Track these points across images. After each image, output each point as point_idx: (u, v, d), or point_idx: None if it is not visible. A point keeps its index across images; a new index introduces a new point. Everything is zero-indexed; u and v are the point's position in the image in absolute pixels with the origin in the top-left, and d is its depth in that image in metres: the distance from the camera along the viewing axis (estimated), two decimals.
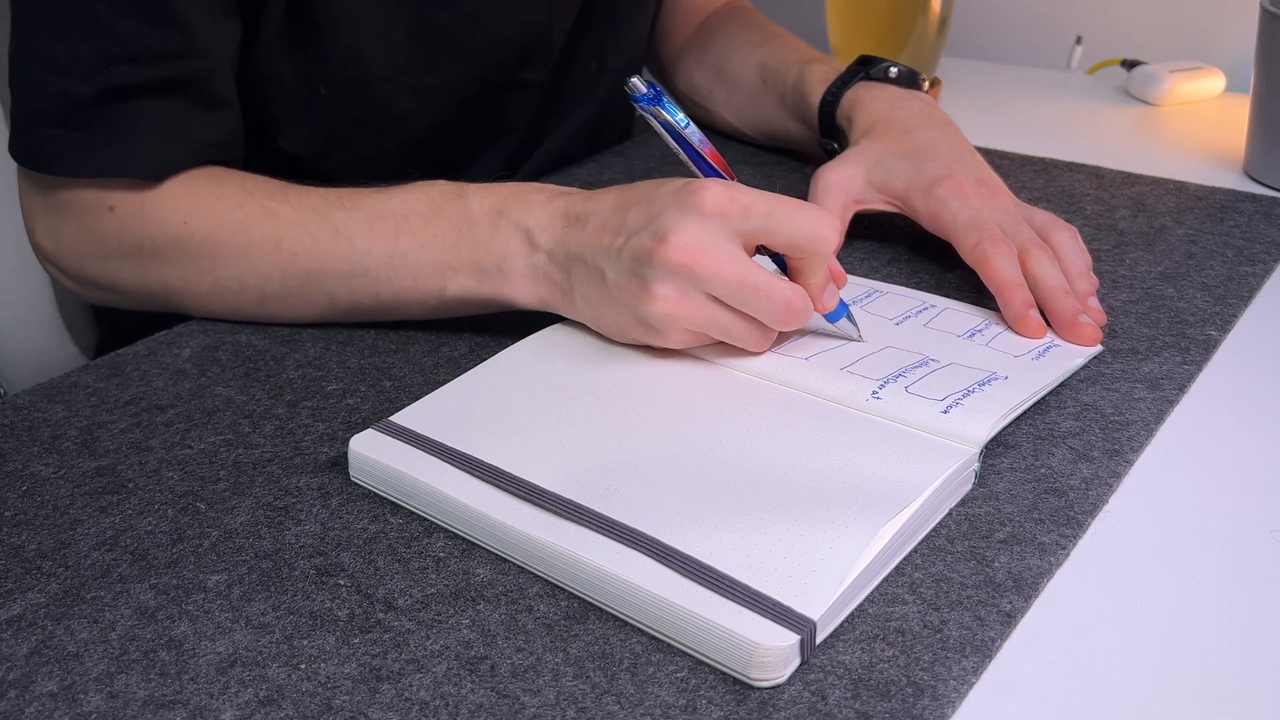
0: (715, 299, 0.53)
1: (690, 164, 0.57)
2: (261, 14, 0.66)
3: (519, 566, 0.46)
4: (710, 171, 0.57)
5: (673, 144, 0.57)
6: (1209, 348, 0.61)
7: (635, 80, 0.56)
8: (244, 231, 0.61)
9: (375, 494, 0.50)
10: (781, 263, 0.56)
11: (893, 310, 0.61)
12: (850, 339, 0.58)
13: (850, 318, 0.57)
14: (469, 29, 0.73)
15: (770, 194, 0.53)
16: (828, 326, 0.58)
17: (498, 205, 0.58)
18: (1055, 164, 0.86)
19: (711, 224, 0.52)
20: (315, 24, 0.67)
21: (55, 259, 0.66)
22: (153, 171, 0.61)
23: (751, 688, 0.40)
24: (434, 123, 0.76)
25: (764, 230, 0.52)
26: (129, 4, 0.58)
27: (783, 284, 0.53)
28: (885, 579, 0.44)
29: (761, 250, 0.55)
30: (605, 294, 0.55)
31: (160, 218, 0.62)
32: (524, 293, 0.58)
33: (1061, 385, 0.56)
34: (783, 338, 0.57)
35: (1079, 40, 1.15)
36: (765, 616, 0.40)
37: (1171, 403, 0.56)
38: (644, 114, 0.57)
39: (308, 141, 0.72)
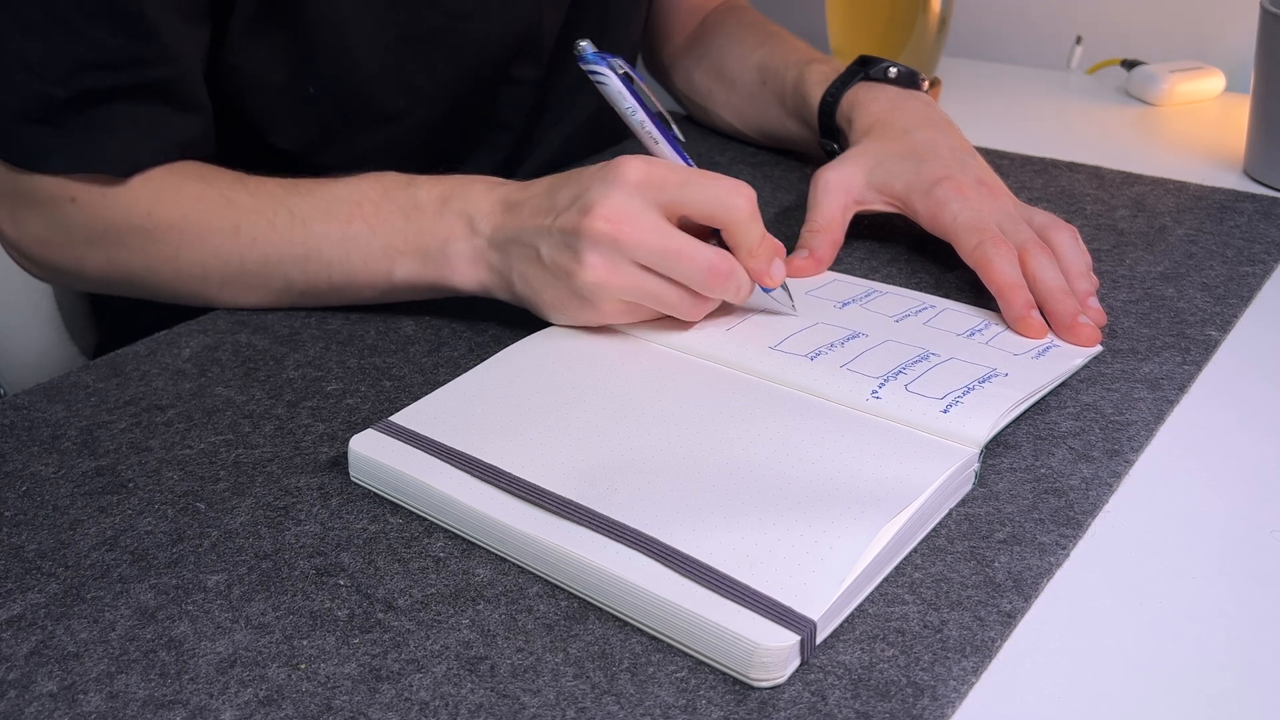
0: (643, 267, 0.55)
1: (644, 138, 0.60)
2: (230, 15, 0.67)
3: (519, 566, 0.46)
4: (667, 137, 0.59)
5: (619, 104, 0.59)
6: (1209, 348, 0.61)
7: (584, 44, 0.58)
8: (204, 220, 0.63)
9: (375, 494, 0.50)
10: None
11: (893, 309, 0.61)
12: (783, 313, 0.59)
13: (785, 288, 0.59)
14: (460, 28, 0.73)
15: (687, 167, 0.56)
16: (764, 300, 0.59)
17: (444, 194, 0.61)
18: (1055, 164, 0.86)
19: (633, 194, 0.54)
20: (300, 24, 0.67)
21: (18, 245, 0.67)
22: (123, 169, 0.63)
23: (751, 688, 0.40)
24: (427, 120, 0.76)
25: (679, 200, 0.55)
26: (100, 12, 0.60)
27: (705, 248, 0.55)
28: (885, 579, 0.44)
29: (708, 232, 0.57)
30: (542, 271, 0.57)
31: (124, 209, 0.63)
32: (465, 276, 0.60)
33: (1061, 385, 0.56)
34: (727, 312, 0.59)
35: (1079, 40, 1.15)
36: (765, 616, 0.40)
37: (1171, 403, 0.56)
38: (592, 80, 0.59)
39: (298, 139, 0.73)
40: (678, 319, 0.57)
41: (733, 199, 0.55)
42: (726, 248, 0.57)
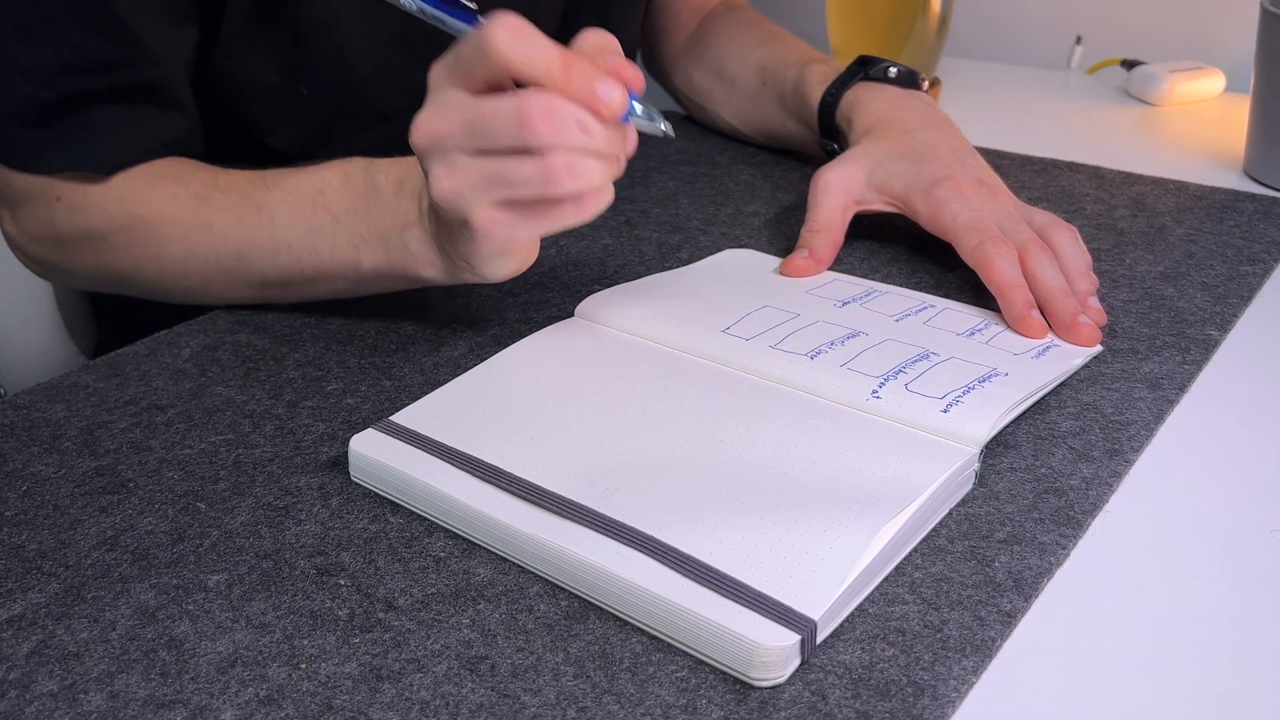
0: (475, 153, 0.50)
1: (445, 21, 0.54)
2: (221, 19, 0.67)
3: (519, 566, 0.46)
4: (464, 17, 0.54)
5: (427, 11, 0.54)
6: (1209, 348, 0.61)
7: None
8: (180, 219, 0.63)
9: (375, 494, 0.50)
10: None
11: (893, 308, 0.61)
12: (656, 134, 0.52)
13: (645, 107, 0.52)
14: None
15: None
16: (631, 129, 0.51)
17: (400, 176, 0.60)
18: (1055, 164, 0.86)
19: (433, 95, 0.51)
20: (293, 26, 0.67)
21: (19, 244, 0.68)
22: (105, 168, 0.64)
23: (752, 687, 0.40)
24: None
25: (463, 74, 0.49)
26: (84, 16, 0.60)
27: (509, 96, 0.48)
28: (885, 579, 0.44)
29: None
30: (437, 224, 0.55)
31: (104, 208, 0.64)
32: (423, 262, 0.58)
33: (1061, 385, 0.56)
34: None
35: (1079, 40, 1.15)
36: (765, 616, 0.40)
37: (1171, 403, 0.56)
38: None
39: (294, 140, 0.73)
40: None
41: (479, 38, 0.48)
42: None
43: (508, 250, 0.54)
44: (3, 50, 0.61)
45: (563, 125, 0.47)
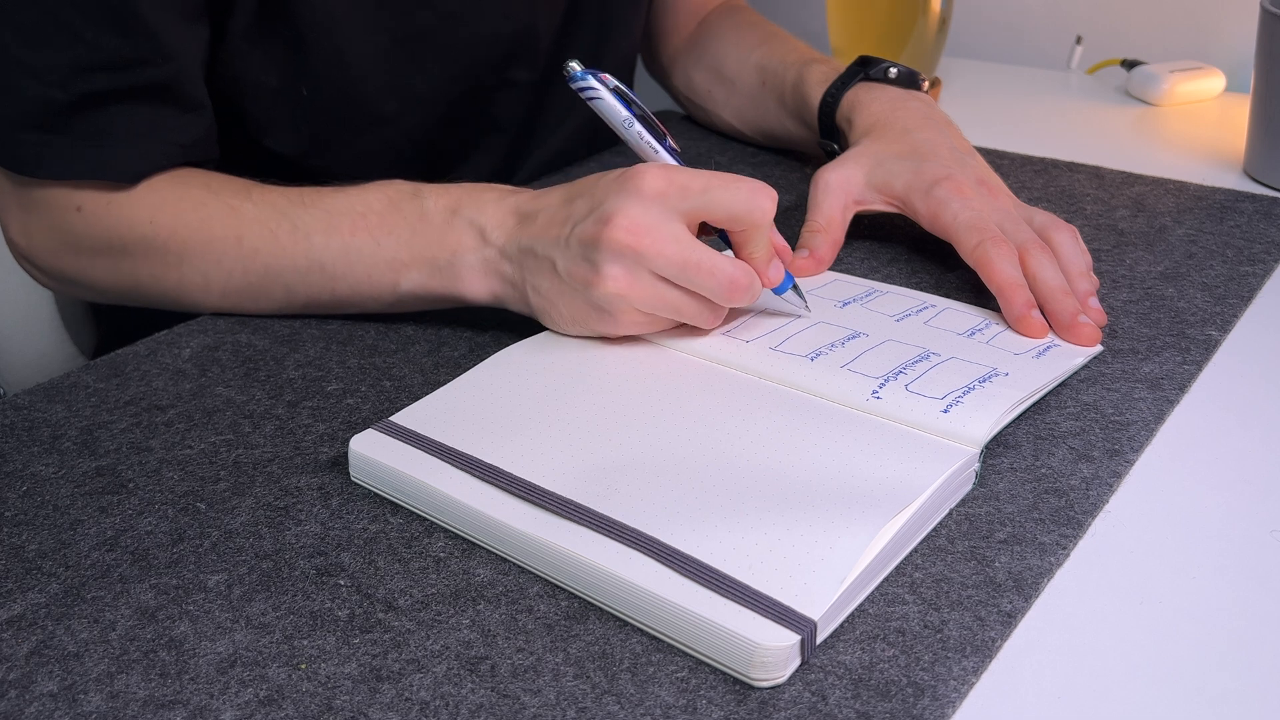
0: (662, 278, 0.54)
1: (642, 149, 0.60)
2: (230, 17, 0.66)
3: (519, 566, 0.46)
4: (665, 146, 0.60)
5: (618, 127, 0.60)
6: (1209, 348, 0.61)
7: (573, 64, 0.59)
8: (207, 229, 0.63)
9: (375, 494, 0.50)
10: (727, 239, 0.58)
11: (893, 308, 0.61)
12: (796, 314, 0.59)
13: (796, 290, 0.59)
14: (451, 29, 0.73)
15: (706, 172, 0.55)
16: (775, 302, 0.59)
17: (452, 204, 0.60)
18: (1055, 164, 0.86)
19: (652, 205, 0.53)
20: (294, 27, 0.67)
21: (29, 255, 0.67)
22: (128, 174, 0.63)
23: (752, 688, 0.40)
24: (422, 123, 0.76)
25: (702, 207, 0.54)
26: (97, 13, 0.59)
27: (725, 261, 0.54)
28: (885, 579, 0.44)
29: (706, 230, 0.57)
30: (557, 283, 0.56)
31: (127, 217, 0.63)
32: (476, 287, 0.60)
33: (1061, 385, 0.56)
34: (734, 315, 0.59)
35: (1079, 40, 1.15)
36: (765, 616, 0.40)
37: (1171, 403, 0.56)
38: (585, 98, 0.59)
39: (293, 142, 0.73)
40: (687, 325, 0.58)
41: (759, 201, 0.54)
42: (728, 244, 0.57)
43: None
44: (8, 54, 0.60)
45: (748, 297, 0.55)
